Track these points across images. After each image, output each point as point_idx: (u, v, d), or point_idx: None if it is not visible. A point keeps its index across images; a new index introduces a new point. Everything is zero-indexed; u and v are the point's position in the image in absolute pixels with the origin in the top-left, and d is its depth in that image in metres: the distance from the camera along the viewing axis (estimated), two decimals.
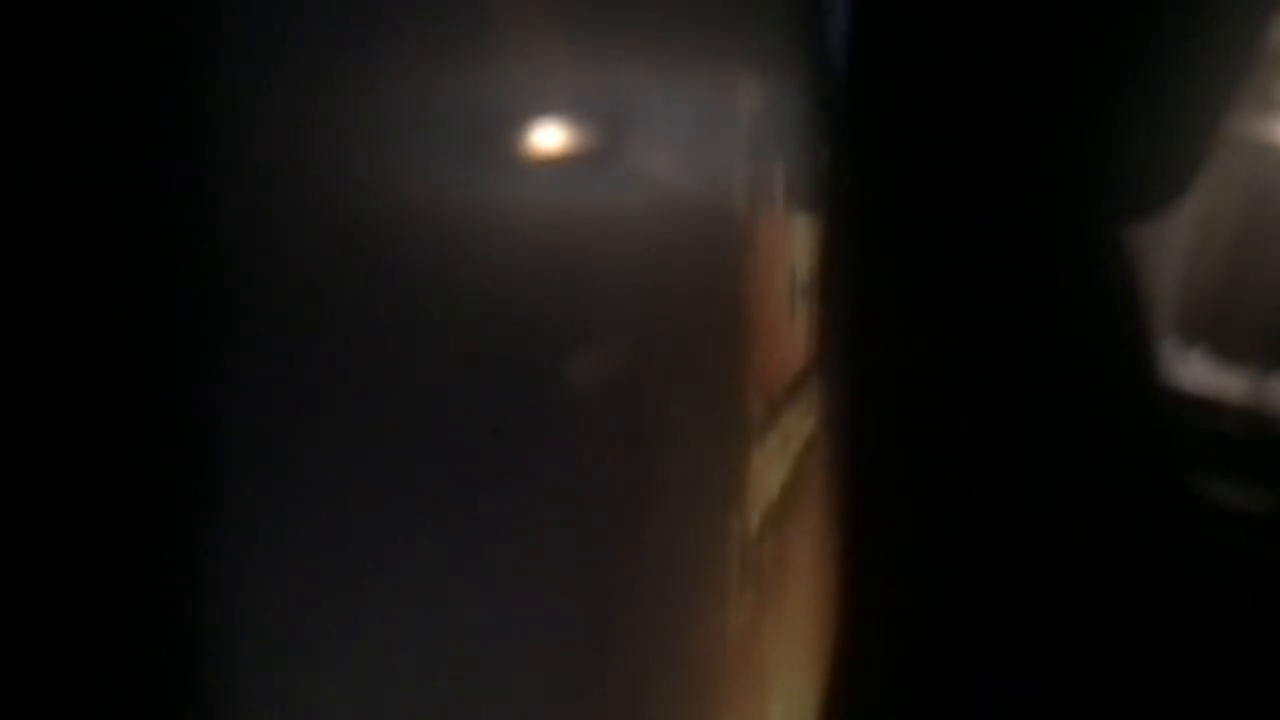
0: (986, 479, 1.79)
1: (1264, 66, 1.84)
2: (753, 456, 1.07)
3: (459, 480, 0.48)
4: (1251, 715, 1.80)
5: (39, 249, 0.30)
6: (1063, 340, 1.81)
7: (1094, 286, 1.82)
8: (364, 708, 0.42)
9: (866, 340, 1.67)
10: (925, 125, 1.73)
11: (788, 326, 1.21)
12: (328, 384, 0.39)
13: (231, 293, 0.34)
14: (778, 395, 1.17)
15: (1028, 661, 1.78)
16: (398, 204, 0.44)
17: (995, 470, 1.79)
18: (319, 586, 0.39)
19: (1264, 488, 1.91)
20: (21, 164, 0.29)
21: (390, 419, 0.43)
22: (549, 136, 0.59)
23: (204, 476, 0.33)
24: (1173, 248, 1.89)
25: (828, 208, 1.42)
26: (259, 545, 0.36)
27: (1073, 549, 1.81)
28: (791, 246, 1.21)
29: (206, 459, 0.33)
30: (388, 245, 0.43)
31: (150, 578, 0.32)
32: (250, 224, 0.35)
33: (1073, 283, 1.80)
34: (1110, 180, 1.78)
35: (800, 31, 1.36)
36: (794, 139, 1.25)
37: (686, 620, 0.88)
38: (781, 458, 1.20)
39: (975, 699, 1.78)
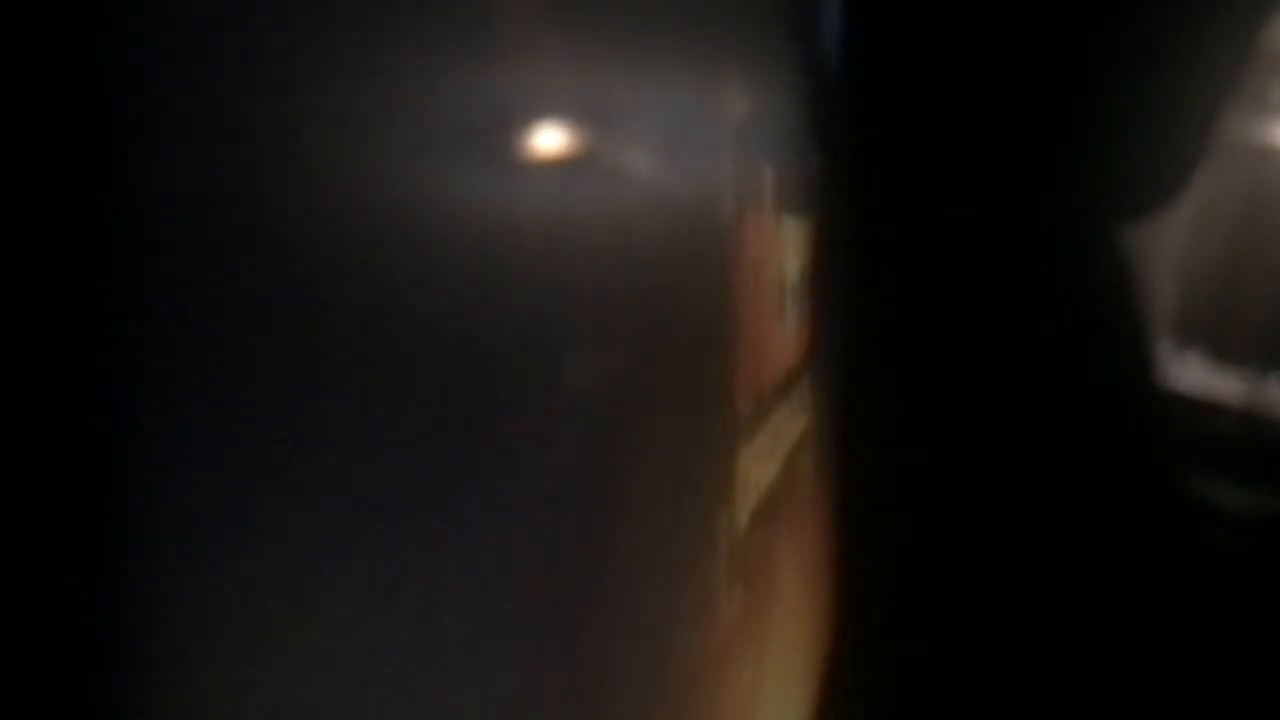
0: (982, 479, 1.79)
1: (1261, 70, 1.85)
2: (741, 454, 1.08)
3: (436, 480, 0.49)
4: (1248, 715, 1.81)
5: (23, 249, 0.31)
6: (1059, 341, 1.81)
7: (1091, 288, 1.82)
8: (335, 708, 0.42)
9: (861, 340, 1.68)
10: (920, 126, 1.74)
11: (778, 326, 1.22)
12: (310, 382, 0.40)
13: (213, 291, 0.35)
14: (768, 393, 1.17)
15: (1023, 662, 1.79)
16: (384, 203, 0.44)
17: (991, 470, 1.80)
18: (293, 584, 0.39)
19: (1260, 489, 1.91)
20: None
21: (371, 416, 0.43)
22: (535, 139, 0.59)
23: (180, 472, 0.34)
24: (1170, 250, 1.89)
25: (821, 209, 1.43)
26: (233, 542, 0.36)
27: (1068, 550, 1.81)
28: (781, 247, 1.21)
29: (181, 456, 0.34)
30: (373, 244, 0.43)
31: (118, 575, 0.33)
32: (234, 222, 0.36)
33: (1069, 284, 1.81)
34: (1107, 182, 1.79)
35: (793, 34, 1.37)
36: (785, 141, 1.26)
37: (672, 615, 0.89)
38: (772, 455, 1.21)
39: (970, 699, 1.79)
